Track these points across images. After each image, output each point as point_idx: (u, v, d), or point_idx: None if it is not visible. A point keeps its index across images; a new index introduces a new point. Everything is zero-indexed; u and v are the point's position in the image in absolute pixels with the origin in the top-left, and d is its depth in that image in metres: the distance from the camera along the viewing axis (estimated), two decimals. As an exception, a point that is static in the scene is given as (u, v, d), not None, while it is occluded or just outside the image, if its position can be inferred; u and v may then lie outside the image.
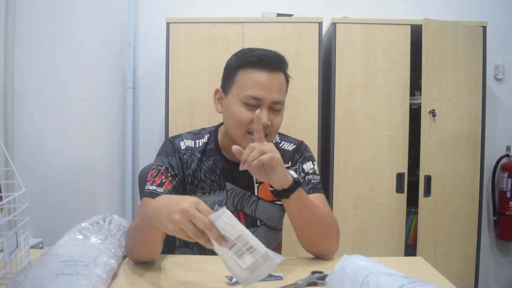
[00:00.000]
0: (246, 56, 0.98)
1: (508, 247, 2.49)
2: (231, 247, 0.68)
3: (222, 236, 0.68)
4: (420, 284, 0.55)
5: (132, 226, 0.92)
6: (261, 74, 0.96)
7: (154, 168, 1.04)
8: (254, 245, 0.67)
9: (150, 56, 2.46)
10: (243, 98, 0.97)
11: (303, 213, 0.94)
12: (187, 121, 2.04)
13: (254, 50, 0.99)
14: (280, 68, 0.99)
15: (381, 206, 2.04)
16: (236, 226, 0.67)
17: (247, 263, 0.68)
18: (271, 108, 0.98)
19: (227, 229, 0.67)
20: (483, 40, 2.05)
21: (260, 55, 0.96)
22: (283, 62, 1.00)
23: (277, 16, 2.10)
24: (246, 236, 0.67)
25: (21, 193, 0.78)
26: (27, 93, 1.37)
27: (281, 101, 0.99)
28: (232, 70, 1.01)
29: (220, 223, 0.68)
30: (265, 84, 0.96)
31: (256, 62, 0.96)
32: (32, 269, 0.72)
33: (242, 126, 0.97)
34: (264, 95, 0.96)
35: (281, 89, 1.00)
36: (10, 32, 1.27)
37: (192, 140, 1.10)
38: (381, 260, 0.69)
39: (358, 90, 2.03)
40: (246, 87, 0.96)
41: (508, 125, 2.47)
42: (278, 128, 1.03)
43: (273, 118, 0.99)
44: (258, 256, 0.67)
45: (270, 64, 0.96)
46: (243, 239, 0.67)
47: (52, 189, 1.52)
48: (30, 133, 1.38)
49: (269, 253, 0.67)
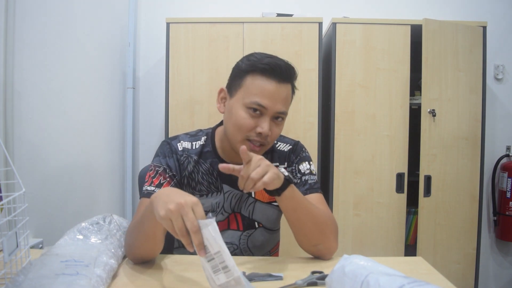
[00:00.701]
0: (257, 62, 0.97)
1: (508, 247, 2.49)
2: (209, 260, 0.68)
3: (203, 245, 0.68)
4: (420, 284, 0.55)
5: (132, 223, 0.92)
6: (270, 83, 0.96)
7: (152, 169, 1.04)
8: (230, 266, 0.67)
9: (150, 56, 2.46)
10: (248, 104, 0.96)
11: (296, 210, 0.94)
12: (187, 121, 2.04)
13: (266, 57, 0.98)
14: (288, 80, 0.99)
15: (381, 206, 2.05)
16: (218, 241, 0.67)
17: (220, 280, 0.68)
18: (273, 118, 0.98)
19: (210, 240, 0.67)
20: (483, 40, 2.05)
21: (272, 64, 0.96)
22: (293, 74, 1.00)
23: (277, 16, 2.10)
24: (224, 254, 0.67)
25: (21, 193, 0.78)
26: (27, 93, 1.37)
27: (285, 112, 0.99)
28: (241, 74, 0.99)
29: (205, 232, 0.68)
30: (272, 94, 0.96)
31: (267, 70, 0.96)
32: (32, 269, 0.72)
33: (242, 132, 0.97)
34: (270, 104, 0.95)
35: (287, 101, 1.00)
36: (10, 32, 1.27)
37: (189, 142, 1.10)
38: (381, 260, 0.69)
39: (358, 90, 2.03)
40: (253, 93, 0.96)
41: (508, 125, 2.47)
42: (276, 138, 1.03)
43: (273, 128, 0.99)
44: (231, 278, 0.67)
45: (280, 74, 0.96)
46: (220, 256, 0.67)
47: (52, 189, 1.52)
48: (30, 133, 1.38)
49: (242, 279, 0.67)
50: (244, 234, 1.10)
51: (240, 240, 1.10)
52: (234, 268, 0.67)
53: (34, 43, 1.41)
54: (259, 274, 0.83)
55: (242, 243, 1.11)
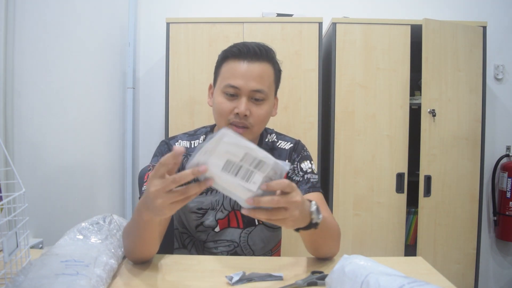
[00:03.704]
0: (228, 49, 1.01)
1: (508, 247, 2.49)
2: (237, 173, 0.63)
3: (197, 169, 0.62)
4: (420, 284, 0.55)
5: (127, 227, 0.91)
6: (240, 64, 0.97)
7: (151, 169, 1.04)
8: (263, 158, 0.62)
9: (150, 56, 2.46)
10: (223, 88, 0.99)
11: (316, 237, 0.89)
12: (187, 121, 2.04)
13: (238, 43, 1.00)
14: (261, 58, 0.98)
15: (381, 206, 2.04)
16: (241, 143, 0.61)
17: (257, 182, 0.64)
18: (251, 98, 0.98)
19: (231, 150, 0.62)
20: (483, 40, 2.05)
21: (239, 46, 0.98)
22: (264, 52, 0.99)
23: (277, 16, 2.10)
24: (253, 151, 0.62)
25: (21, 193, 0.78)
26: (27, 92, 1.37)
27: (262, 90, 0.98)
28: (218, 64, 1.04)
29: (222, 147, 0.61)
30: (243, 73, 0.97)
31: (236, 53, 0.98)
32: (32, 269, 0.72)
33: (223, 116, 0.99)
34: (242, 83, 0.96)
35: (262, 78, 0.98)
36: (10, 32, 1.27)
37: (187, 141, 1.11)
38: (381, 260, 0.69)
39: (358, 90, 2.03)
40: (226, 77, 0.99)
41: (508, 125, 2.47)
42: (262, 120, 1.01)
43: (254, 108, 0.98)
44: (269, 169, 0.63)
45: (249, 54, 0.97)
46: (250, 156, 0.62)
47: (52, 189, 1.52)
48: (30, 133, 1.38)
49: (279, 163, 0.64)
50: (245, 231, 1.10)
51: (241, 238, 1.10)
52: (267, 157, 0.63)
53: (34, 43, 1.41)
54: (259, 274, 0.83)
55: (243, 241, 1.11)
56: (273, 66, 1.02)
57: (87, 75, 1.84)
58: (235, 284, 0.79)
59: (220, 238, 1.10)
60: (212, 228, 1.09)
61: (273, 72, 1.02)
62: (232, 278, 0.80)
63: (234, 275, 0.80)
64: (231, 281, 0.79)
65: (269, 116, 1.04)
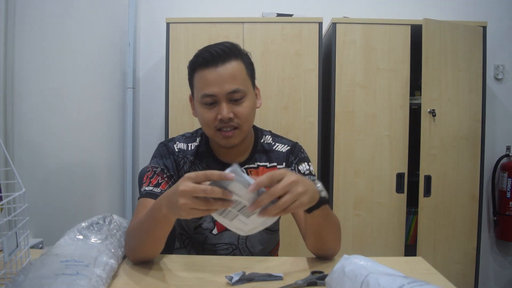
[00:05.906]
0: (193, 60, 1.01)
1: (508, 247, 2.49)
2: (240, 209, 0.72)
3: (227, 191, 0.69)
4: (420, 284, 0.55)
5: (133, 224, 0.91)
6: (209, 71, 0.97)
7: (150, 170, 1.04)
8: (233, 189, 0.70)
9: (150, 56, 2.46)
10: (200, 99, 0.99)
11: (322, 225, 0.91)
12: (187, 121, 2.04)
13: (201, 51, 0.99)
14: (227, 58, 0.97)
15: (381, 206, 2.04)
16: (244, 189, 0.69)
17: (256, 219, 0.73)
18: (230, 100, 0.98)
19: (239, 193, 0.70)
20: (483, 40, 2.05)
21: (204, 55, 0.97)
22: (229, 51, 0.98)
23: (277, 16, 2.10)
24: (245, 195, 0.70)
25: (21, 193, 0.78)
26: (27, 93, 1.37)
27: (238, 89, 0.97)
28: (189, 76, 1.04)
29: (234, 186, 0.69)
30: (214, 80, 0.96)
31: (202, 62, 0.97)
32: (32, 269, 0.72)
33: (210, 126, 1.00)
34: (216, 90, 0.96)
35: (234, 78, 0.97)
36: (10, 32, 1.27)
37: (184, 143, 1.11)
38: (381, 260, 0.69)
39: (358, 90, 2.03)
40: (200, 88, 0.99)
41: (508, 125, 2.47)
42: (248, 116, 1.01)
43: (236, 108, 0.98)
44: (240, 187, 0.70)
45: (213, 59, 0.96)
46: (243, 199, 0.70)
47: (52, 189, 1.52)
48: (30, 133, 1.38)
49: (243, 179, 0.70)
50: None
51: (239, 240, 1.10)
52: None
53: (34, 43, 1.41)
54: (259, 274, 0.83)
55: (241, 243, 1.11)
56: (242, 61, 1.00)
57: (87, 75, 1.84)
58: (235, 284, 0.79)
59: (218, 241, 1.09)
60: (209, 230, 1.09)
61: (244, 66, 1.01)
62: (232, 278, 0.80)
63: (234, 275, 0.80)
64: (231, 281, 0.79)
65: (254, 110, 1.04)
